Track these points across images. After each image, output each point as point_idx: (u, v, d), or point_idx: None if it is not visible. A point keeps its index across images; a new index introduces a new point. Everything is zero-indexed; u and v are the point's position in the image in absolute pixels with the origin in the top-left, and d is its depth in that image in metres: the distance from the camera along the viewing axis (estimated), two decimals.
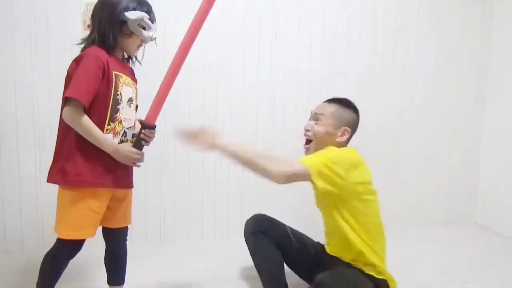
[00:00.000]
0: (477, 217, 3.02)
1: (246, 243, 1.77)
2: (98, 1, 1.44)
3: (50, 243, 1.84)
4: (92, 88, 1.33)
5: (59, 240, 1.41)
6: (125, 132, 1.46)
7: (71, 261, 1.46)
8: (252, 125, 2.52)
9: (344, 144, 1.62)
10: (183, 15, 2.33)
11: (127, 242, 1.66)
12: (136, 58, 1.60)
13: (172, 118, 2.38)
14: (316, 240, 1.82)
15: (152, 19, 1.49)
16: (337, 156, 1.47)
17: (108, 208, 1.48)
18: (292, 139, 2.56)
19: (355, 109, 1.65)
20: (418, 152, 2.86)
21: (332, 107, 1.61)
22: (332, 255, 1.64)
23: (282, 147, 2.57)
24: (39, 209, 2.20)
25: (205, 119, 2.43)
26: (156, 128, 1.50)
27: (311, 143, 1.61)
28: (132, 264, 1.96)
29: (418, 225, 2.88)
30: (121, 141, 1.45)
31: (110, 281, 1.62)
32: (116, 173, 1.43)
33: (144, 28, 1.45)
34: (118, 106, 1.41)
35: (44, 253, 1.47)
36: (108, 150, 1.36)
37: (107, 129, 1.38)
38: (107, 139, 1.37)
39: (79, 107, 1.31)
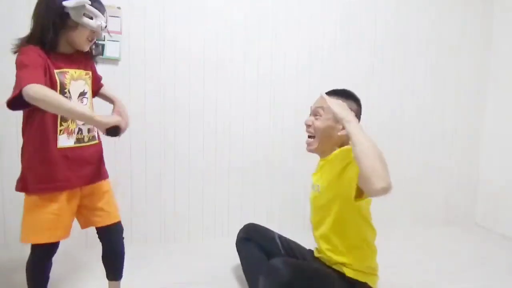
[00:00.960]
0: (477, 217, 3.02)
1: (237, 252, 1.83)
2: None
3: None
4: (41, 74, 1.26)
5: (31, 247, 1.42)
6: (80, 130, 1.42)
7: (72, 258, 1.45)
8: (252, 122, 2.53)
9: (345, 137, 1.52)
10: (182, 14, 2.34)
11: (126, 242, 1.64)
12: (92, 52, 1.51)
13: (172, 114, 2.38)
14: (308, 247, 1.77)
15: (98, 7, 1.38)
16: None
17: (84, 207, 1.48)
18: (291, 136, 2.57)
19: (355, 100, 1.57)
20: (418, 152, 2.86)
21: (331, 97, 1.52)
22: (319, 261, 1.59)
23: (283, 144, 2.58)
24: None
25: (205, 116, 2.43)
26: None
27: (314, 138, 1.55)
28: (132, 264, 1.96)
29: (418, 225, 2.88)
30: (77, 139, 1.41)
31: (108, 277, 1.63)
32: (75, 172, 1.40)
33: (91, 18, 1.35)
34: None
35: None
36: (83, 117, 1.31)
37: (60, 130, 1.36)
38: (77, 106, 1.32)
39: (35, 86, 1.22)
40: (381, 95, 2.73)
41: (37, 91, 1.20)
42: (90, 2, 1.34)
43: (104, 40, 2.17)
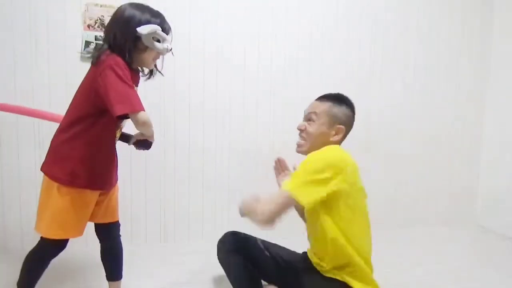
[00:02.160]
0: (477, 217, 3.02)
1: (220, 264, 1.71)
2: (113, 16, 1.42)
3: None
4: (137, 96, 1.37)
5: (44, 240, 1.43)
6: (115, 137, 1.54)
7: (68, 259, 1.46)
8: (253, 122, 2.52)
9: (339, 143, 1.54)
10: (182, 14, 2.33)
11: (125, 242, 1.67)
12: (156, 69, 1.59)
13: (172, 114, 2.38)
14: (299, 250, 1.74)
15: (166, 30, 1.46)
16: (317, 164, 1.36)
17: (95, 203, 1.52)
18: (291, 132, 2.57)
19: (349, 105, 1.56)
20: (418, 152, 2.86)
21: (325, 105, 1.51)
22: (311, 266, 1.55)
23: (283, 144, 2.58)
24: None
25: (205, 115, 2.43)
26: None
27: (305, 142, 1.52)
28: (132, 264, 1.96)
29: (418, 225, 2.88)
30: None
31: (108, 277, 1.64)
32: (105, 175, 1.49)
33: (158, 41, 1.42)
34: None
35: None
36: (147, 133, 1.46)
37: (116, 136, 1.51)
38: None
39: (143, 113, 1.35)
40: (381, 95, 2.73)
41: (147, 119, 1.35)
42: (161, 28, 1.42)
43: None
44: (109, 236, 1.59)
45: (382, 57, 2.72)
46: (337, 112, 1.51)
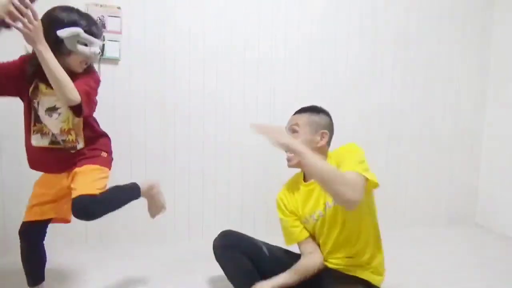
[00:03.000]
0: (477, 217, 3.02)
1: (217, 261, 1.69)
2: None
3: (50, 243, 1.83)
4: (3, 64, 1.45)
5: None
6: (54, 136, 1.52)
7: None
8: (253, 117, 2.52)
9: (326, 146, 1.59)
10: (182, 14, 2.34)
11: (126, 242, 1.69)
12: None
13: (172, 114, 2.38)
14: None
15: (94, 34, 1.42)
16: (360, 153, 1.47)
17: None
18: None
19: (325, 113, 1.64)
20: (418, 152, 2.86)
21: (304, 116, 1.59)
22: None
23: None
24: None
25: (205, 116, 2.43)
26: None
27: (293, 156, 1.54)
28: (132, 264, 1.97)
29: (418, 225, 2.88)
30: (51, 141, 1.51)
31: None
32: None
33: (86, 45, 1.39)
34: (38, 114, 1.48)
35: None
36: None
37: (33, 130, 1.50)
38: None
39: None
40: (381, 95, 2.73)
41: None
42: (83, 30, 1.38)
43: (104, 41, 2.17)
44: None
45: (382, 58, 2.72)
46: (317, 119, 1.58)
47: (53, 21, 1.36)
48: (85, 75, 1.49)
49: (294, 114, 1.63)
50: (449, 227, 2.92)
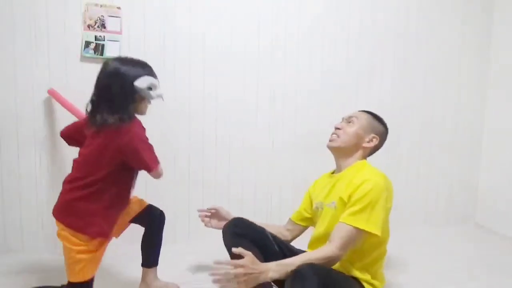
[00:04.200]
0: (477, 217, 3.01)
1: (226, 246, 1.66)
2: (104, 71, 1.50)
3: (50, 243, 1.83)
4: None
5: (74, 283, 1.54)
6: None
7: None
8: (253, 123, 2.52)
9: (369, 151, 1.68)
10: (182, 14, 2.34)
11: (125, 242, 1.75)
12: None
13: (172, 114, 2.38)
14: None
15: (155, 77, 1.57)
16: (379, 196, 1.46)
17: None
18: (291, 131, 2.58)
19: (384, 125, 1.72)
20: (418, 152, 2.86)
21: (365, 115, 1.69)
22: None
23: (283, 145, 2.59)
24: (39, 209, 2.20)
25: (205, 116, 2.43)
26: None
27: (338, 138, 1.65)
28: (132, 264, 1.96)
29: (418, 225, 2.88)
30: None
31: (142, 263, 1.81)
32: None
33: (150, 89, 1.52)
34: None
35: (44, 253, 1.51)
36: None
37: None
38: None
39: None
40: (380, 95, 2.73)
41: (161, 173, 1.63)
42: (154, 78, 1.54)
43: (104, 41, 2.17)
44: (150, 222, 1.81)
45: (382, 58, 2.72)
46: (375, 124, 1.68)
47: (125, 74, 1.48)
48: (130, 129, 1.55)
49: (359, 111, 1.73)
50: (449, 227, 2.92)
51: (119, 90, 1.46)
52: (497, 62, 2.88)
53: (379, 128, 1.68)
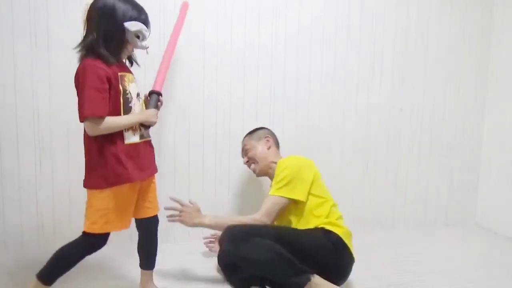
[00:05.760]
0: (477, 217, 3.02)
1: (240, 262, 1.70)
2: (94, 7, 1.44)
3: (50, 243, 1.84)
4: (104, 99, 1.39)
5: (86, 235, 1.50)
6: (140, 126, 1.56)
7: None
8: (252, 117, 2.52)
9: (274, 150, 2.10)
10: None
11: (126, 242, 1.73)
12: (135, 61, 1.66)
13: (172, 114, 2.38)
14: None
15: (148, 27, 1.51)
16: (294, 171, 1.85)
17: (138, 198, 1.60)
18: (291, 129, 2.58)
19: (259, 128, 2.16)
20: (418, 152, 2.86)
21: (247, 138, 2.14)
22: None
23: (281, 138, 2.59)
24: (39, 209, 2.20)
25: (205, 116, 2.43)
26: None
27: (255, 166, 2.10)
28: (132, 264, 1.96)
29: (418, 225, 2.88)
30: (141, 136, 1.56)
31: (142, 266, 1.75)
32: (137, 164, 1.52)
33: (138, 37, 1.47)
34: (130, 105, 1.49)
35: (44, 253, 1.50)
36: (137, 120, 1.51)
37: (125, 129, 1.48)
38: (128, 117, 1.48)
39: (97, 119, 1.38)
40: (380, 95, 2.73)
41: (93, 129, 1.39)
42: (147, 28, 1.49)
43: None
44: (150, 230, 1.71)
45: (381, 58, 2.72)
46: (256, 134, 2.12)
47: (117, 11, 1.41)
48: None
49: (242, 141, 2.16)
50: (449, 227, 2.92)
51: (107, 27, 1.40)
52: (497, 62, 2.88)
53: (260, 132, 2.11)
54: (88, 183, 1.48)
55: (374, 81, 2.72)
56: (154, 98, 1.63)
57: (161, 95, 1.67)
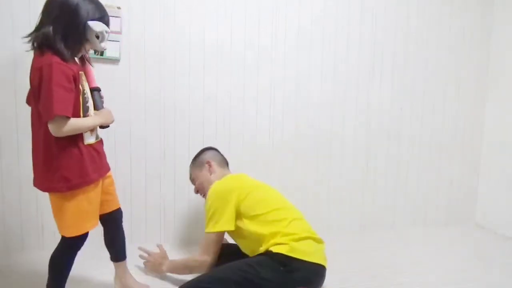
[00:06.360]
0: (477, 217, 3.02)
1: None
2: (54, 0, 1.42)
3: (50, 243, 1.84)
4: (71, 99, 1.38)
5: (64, 240, 1.50)
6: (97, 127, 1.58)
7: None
8: (252, 123, 2.52)
9: (218, 167, 2.04)
10: (182, 14, 2.34)
11: (127, 243, 1.73)
12: (88, 61, 1.63)
13: (172, 114, 2.38)
14: None
15: (108, 28, 1.52)
16: (215, 202, 1.81)
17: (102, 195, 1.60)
18: (290, 128, 2.58)
19: (201, 152, 2.11)
20: (418, 152, 2.86)
21: (191, 166, 2.12)
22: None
23: (283, 146, 2.59)
24: (39, 209, 2.20)
25: (205, 116, 2.43)
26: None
27: (204, 193, 2.02)
28: (132, 264, 1.97)
29: (418, 225, 2.88)
30: (96, 136, 1.56)
31: (114, 259, 1.75)
32: (97, 163, 1.53)
33: (98, 38, 1.47)
34: (87, 104, 1.50)
35: (45, 253, 1.51)
36: (99, 123, 1.53)
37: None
38: (91, 119, 1.50)
39: (64, 119, 1.36)
40: (380, 95, 2.73)
41: (58, 130, 1.35)
42: (109, 29, 1.49)
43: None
44: (116, 223, 1.71)
45: (381, 58, 2.72)
46: (198, 161, 2.08)
47: (79, 8, 1.40)
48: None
49: (189, 170, 2.14)
50: (449, 227, 2.92)
51: (68, 24, 1.38)
52: (497, 62, 2.88)
53: (200, 159, 2.07)
54: (50, 187, 1.43)
55: (374, 81, 2.72)
56: (97, 96, 1.59)
57: (100, 90, 1.62)
